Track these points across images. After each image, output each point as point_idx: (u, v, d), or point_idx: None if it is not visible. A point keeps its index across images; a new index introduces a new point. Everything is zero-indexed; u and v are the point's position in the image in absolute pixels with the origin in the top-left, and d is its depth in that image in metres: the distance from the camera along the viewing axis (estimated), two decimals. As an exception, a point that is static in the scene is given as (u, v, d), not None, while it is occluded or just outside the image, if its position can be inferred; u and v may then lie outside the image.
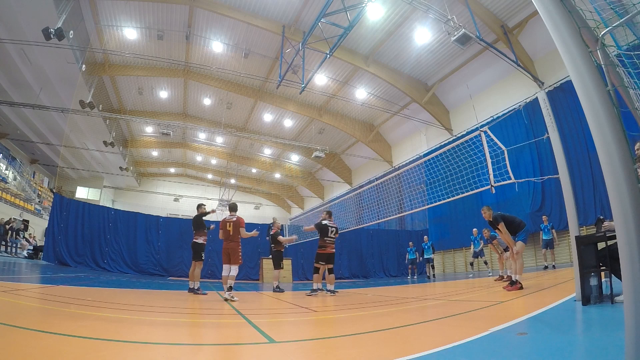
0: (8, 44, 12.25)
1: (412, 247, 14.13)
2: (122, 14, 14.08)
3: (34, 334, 2.30)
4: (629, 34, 2.74)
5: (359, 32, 13.60)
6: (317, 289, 6.80)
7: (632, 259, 1.50)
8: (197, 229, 6.99)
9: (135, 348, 2.16)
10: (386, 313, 4.07)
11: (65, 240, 11.87)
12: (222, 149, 26.66)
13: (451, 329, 2.87)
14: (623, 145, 1.62)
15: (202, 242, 6.94)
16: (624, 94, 2.62)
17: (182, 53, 16.41)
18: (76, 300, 4.30)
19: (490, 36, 12.61)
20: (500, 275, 8.35)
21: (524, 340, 2.23)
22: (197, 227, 6.99)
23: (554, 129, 4.44)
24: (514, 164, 5.77)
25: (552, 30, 1.95)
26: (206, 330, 3.23)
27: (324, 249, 6.91)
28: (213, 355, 2.18)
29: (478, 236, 11.73)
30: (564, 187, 4.21)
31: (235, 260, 5.85)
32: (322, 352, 2.23)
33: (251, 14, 13.75)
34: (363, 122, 20.84)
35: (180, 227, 13.84)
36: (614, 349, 1.85)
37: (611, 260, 3.37)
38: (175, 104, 21.56)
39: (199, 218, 7.02)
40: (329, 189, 28.54)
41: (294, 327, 3.40)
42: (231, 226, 5.96)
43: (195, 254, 6.88)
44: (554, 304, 3.61)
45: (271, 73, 16.90)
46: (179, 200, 30.28)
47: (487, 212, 6.05)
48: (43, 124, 19.19)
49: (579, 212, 4.39)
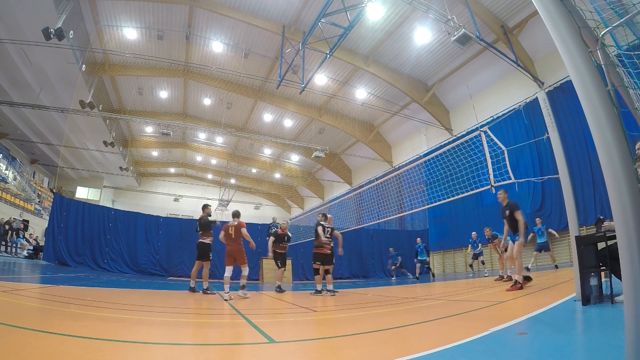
0: (8, 44, 12.26)
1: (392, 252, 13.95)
2: (122, 14, 14.08)
3: (34, 334, 2.30)
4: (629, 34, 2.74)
5: (359, 32, 13.60)
6: (320, 290, 6.90)
7: (632, 259, 1.50)
8: (204, 230, 7.02)
9: (135, 348, 2.16)
10: (386, 313, 4.07)
11: (65, 240, 11.87)
12: (222, 149, 26.67)
13: (451, 329, 2.87)
14: (623, 145, 1.62)
15: (209, 243, 7.00)
16: (624, 94, 2.62)
17: (182, 53, 16.41)
18: (76, 300, 4.30)
19: (490, 36, 12.61)
20: (501, 275, 8.35)
21: (524, 340, 2.23)
22: (204, 228, 7.02)
23: (554, 129, 4.44)
24: (514, 164, 5.77)
25: (552, 30, 1.95)
26: (206, 330, 3.23)
27: (319, 249, 7.06)
28: (213, 355, 2.18)
29: (477, 240, 11.78)
30: (564, 187, 4.21)
31: (242, 261, 6.32)
32: (322, 352, 2.23)
33: (251, 14, 13.75)
34: (363, 122, 20.85)
35: (180, 227, 13.84)
36: (614, 349, 1.85)
37: (611, 260, 3.37)
38: (175, 104, 21.56)
39: (206, 219, 7.04)
40: (329, 189, 28.54)
41: (294, 327, 3.40)
42: (233, 230, 6.35)
43: (204, 255, 6.92)
44: (554, 304, 3.61)
45: (271, 73, 16.90)
46: (179, 200, 30.29)
47: (502, 194, 6.04)
48: (43, 124, 19.19)
49: (579, 212, 4.39)
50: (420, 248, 13.22)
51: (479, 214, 14.74)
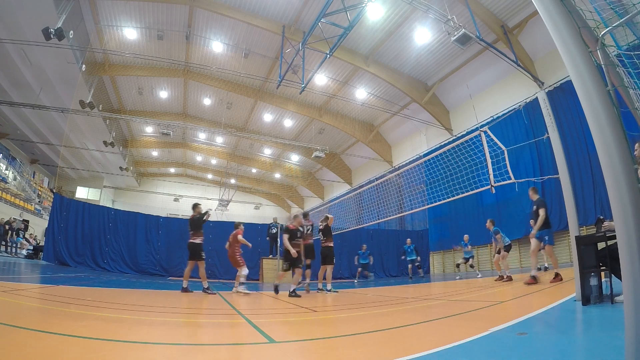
0: (8, 44, 12.25)
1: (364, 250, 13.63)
2: (122, 14, 14.07)
3: (34, 334, 2.30)
4: (629, 34, 2.74)
5: (359, 32, 13.60)
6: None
7: (632, 259, 1.50)
8: (195, 230, 6.96)
9: (135, 348, 2.16)
10: (386, 313, 4.07)
11: (65, 240, 11.87)
12: (222, 149, 26.66)
13: (451, 329, 2.87)
14: (623, 145, 1.62)
15: (199, 242, 6.95)
16: (624, 94, 2.62)
17: (182, 53, 16.40)
18: (76, 300, 4.30)
19: (490, 36, 12.60)
20: (500, 276, 8.34)
21: (524, 340, 2.23)
22: (194, 228, 6.97)
23: (554, 129, 4.44)
24: (513, 164, 5.79)
25: (552, 30, 1.95)
26: (206, 330, 3.23)
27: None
28: (213, 355, 2.18)
29: (469, 242, 11.82)
30: (564, 187, 4.20)
31: (236, 264, 7.06)
32: (322, 352, 2.23)
33: (251, 14, 13.75)
34: (363, 122, 20.84)
35: (180, 227, 13.81)
36: (614, 349, 1.85)
37: (611, 260, 3.37)
38: (175, 104, 21.55)
39: (197, 218, 7.02)
40: (329, 189, 28.54)
41: (294, 327, 3.39)
42: (231, 237, 7.11)
43: (195, 255, 6.87)
44: (554, 304, 3.61)
45: (271, 73, 16.89)
46: (179, 200, 30.29)
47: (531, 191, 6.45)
48: (43, 124, 19.19)
49: (579, 212, 4.39)
50: (410, 248, 13.24)
51: (479, 214, 14.74)
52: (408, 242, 13.64)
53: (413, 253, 13.27)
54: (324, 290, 7.47)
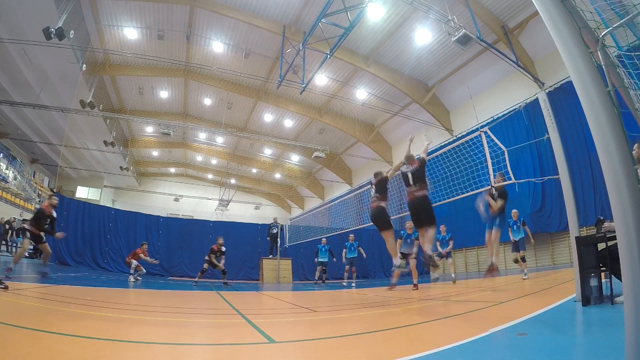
0: (8, 44, 12.26)
1: (325, 244, 12.83)
2: (122, 13, 14.09)
3: (34, 333, 2.30)
4: (630, 34, 2.74)
5: (360, 33, 13.60)
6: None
7: (632, 259, 1.50)
8: None
9: (135, 348, 2.16)
10: (386, 313, 4.06)
11: (65, 240, 11.85)
12: (223, 149, 26.67)
13: (451, 329, 2.87)
14: (623, 145, 1.62)
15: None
16: (624, 95, 2.62)
17: (183, 53, 16.41)
18: (76, 300, 4.30)
19: (490, 37, 12.60)
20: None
21: (524, 341, 2.23)
22: None
23: (554, 129, 4.44)
24: (514, 165, 5.78)
25: (552, 30, 1.95)
26: (206, 330, 3.23)
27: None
28: (213, 355, 2.18)
29: (447, 235, 10.62)
30: (564, 188, 4.20)
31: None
32: (322, 352, 2.23)
33: (251, 14, 13.75)
34: (363, 122, 20.84)
35: (180, 227, 13.85)
36: (614, 350, 1.85)
37: (611, 260, 3.36)
38: (176, 104, 21.56)
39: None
40: (329, 189, 28.53)
41: (294, 327, 3.39)
42: None
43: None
44: (554, 305, 3.61)
45: (271, 73, 16.89)
46: (179, 200, 30.30)
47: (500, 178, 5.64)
48: (43, 124, 19.20)
49: (579, 213, 4.38)
50: (353, 246, 13.00)
51: (479, 214, 14.71)
52: (351, 239, 13.28)
53: (353, 251, 12.86)
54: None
